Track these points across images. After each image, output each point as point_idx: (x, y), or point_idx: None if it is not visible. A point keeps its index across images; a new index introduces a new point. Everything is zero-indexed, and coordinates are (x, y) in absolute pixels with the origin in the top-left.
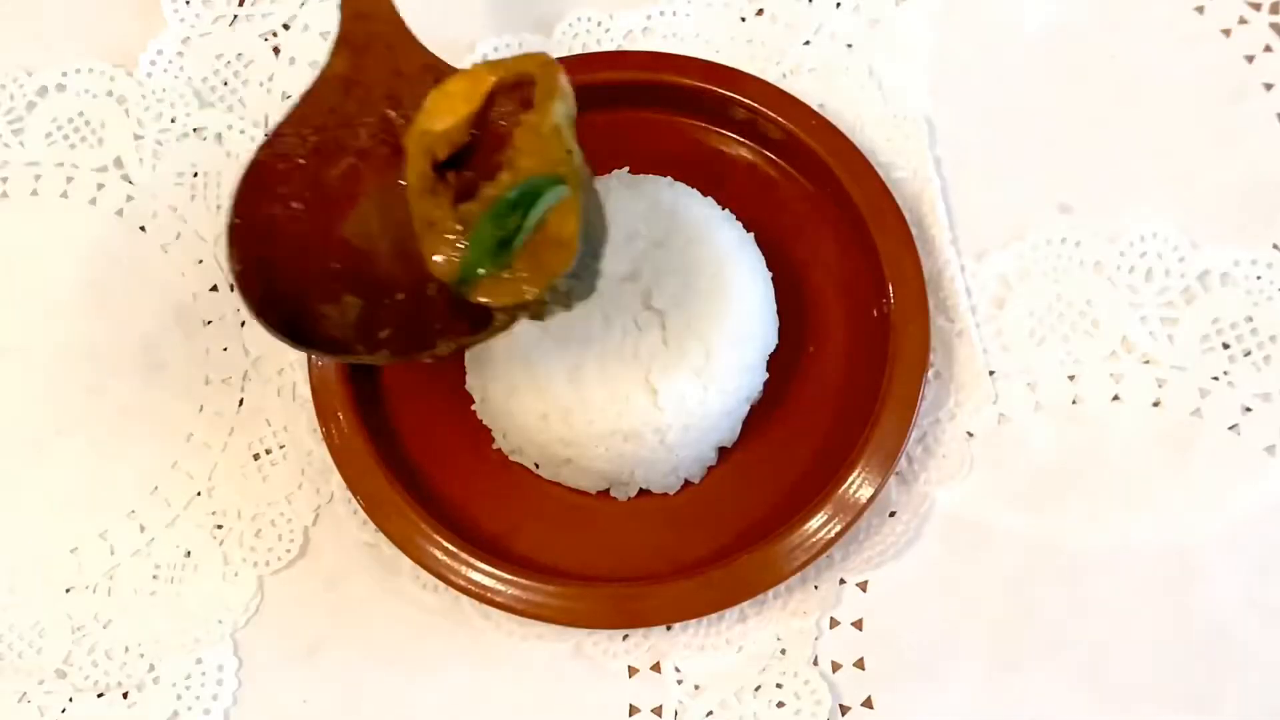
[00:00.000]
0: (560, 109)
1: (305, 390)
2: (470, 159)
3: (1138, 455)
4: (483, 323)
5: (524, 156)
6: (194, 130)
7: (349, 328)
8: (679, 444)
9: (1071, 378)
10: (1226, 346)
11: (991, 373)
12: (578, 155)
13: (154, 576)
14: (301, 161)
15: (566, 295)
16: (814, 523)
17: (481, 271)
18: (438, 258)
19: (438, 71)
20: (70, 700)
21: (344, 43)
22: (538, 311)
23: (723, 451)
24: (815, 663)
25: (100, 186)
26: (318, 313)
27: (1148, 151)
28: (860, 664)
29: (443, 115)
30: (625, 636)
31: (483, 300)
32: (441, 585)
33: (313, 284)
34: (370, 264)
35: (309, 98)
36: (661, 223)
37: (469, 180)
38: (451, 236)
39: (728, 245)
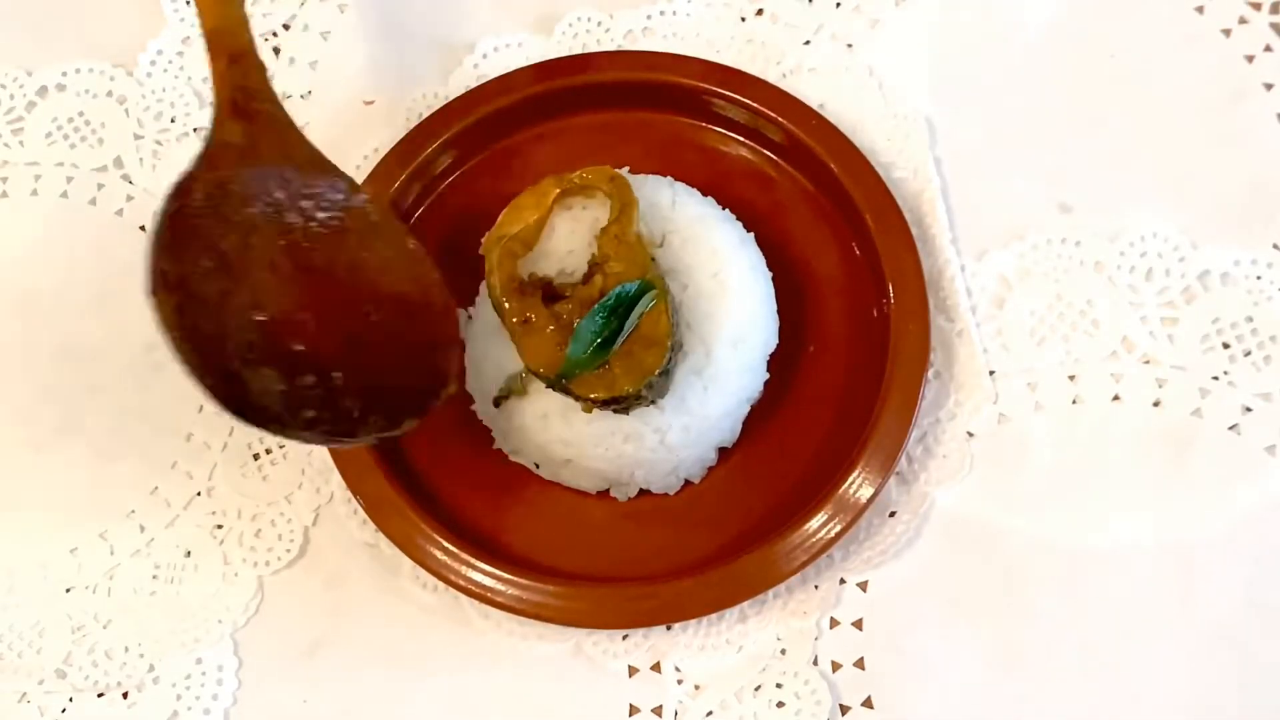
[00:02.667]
0: (638, 218)
1: None
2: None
3: (1138, 455)
4: (398, 418)
5: (613, 262)
6: (194, 130)
7: (276, 400)
8: (679, 444)
9: (1071, 378)
10: (1227, 346)
11: (991, 373)
12: (657, 261)
13: (154, 576)
14: (206, 222)
15: (652, 390)
16: (814, 523)
17: (581, 369)
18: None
19: (324, 166)
20: (70, 700)
21: (234, 113)
22: (628, 405)
23: (723, 451)
24: (815, 663)
25: (100, 186)
26: (244, 378)
27: (1148, 151)
28: (860, 664)
29: (514, 224)
30: (625, 636)
31: (582, 394)
32: (441, 585)
33: (233, 348)
34: (278, 341)
35: (208, 159)
36: (661, 223)
37: (544, 283)
38: (549, 332)
39: (728, 245)
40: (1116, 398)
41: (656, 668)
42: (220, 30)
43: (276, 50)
